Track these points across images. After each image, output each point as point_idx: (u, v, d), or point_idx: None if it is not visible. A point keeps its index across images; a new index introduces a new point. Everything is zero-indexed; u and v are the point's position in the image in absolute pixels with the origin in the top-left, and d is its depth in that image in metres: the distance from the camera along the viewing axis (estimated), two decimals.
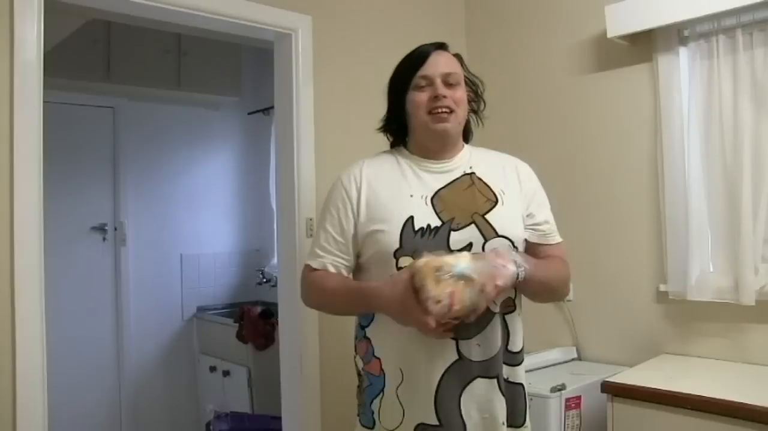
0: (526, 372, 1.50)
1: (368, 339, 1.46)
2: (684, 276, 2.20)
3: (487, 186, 1.46)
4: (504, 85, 2.71)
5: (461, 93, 1.46)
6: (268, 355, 3.42)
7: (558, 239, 1.55)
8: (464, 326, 1.33)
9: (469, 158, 1.51)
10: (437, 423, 1.36)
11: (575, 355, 2.53)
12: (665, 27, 2.22)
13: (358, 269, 1.51)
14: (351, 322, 1.55)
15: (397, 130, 1.55)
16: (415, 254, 1.34)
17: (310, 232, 2.31)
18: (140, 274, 3.77)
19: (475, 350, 1.36)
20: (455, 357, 1.36)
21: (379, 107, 1.59)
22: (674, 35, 2.27)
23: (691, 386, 1.85)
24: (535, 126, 2.71)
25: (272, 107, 2.73)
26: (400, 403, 1.39)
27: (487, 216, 1.40)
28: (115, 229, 3.72)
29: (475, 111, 1.58)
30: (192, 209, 3.99)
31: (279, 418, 2.47)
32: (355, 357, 1.52)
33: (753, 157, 2.09)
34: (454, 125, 1.45)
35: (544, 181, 1.58)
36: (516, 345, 1.45)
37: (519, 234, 1.45)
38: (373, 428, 1.44)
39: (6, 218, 1.72)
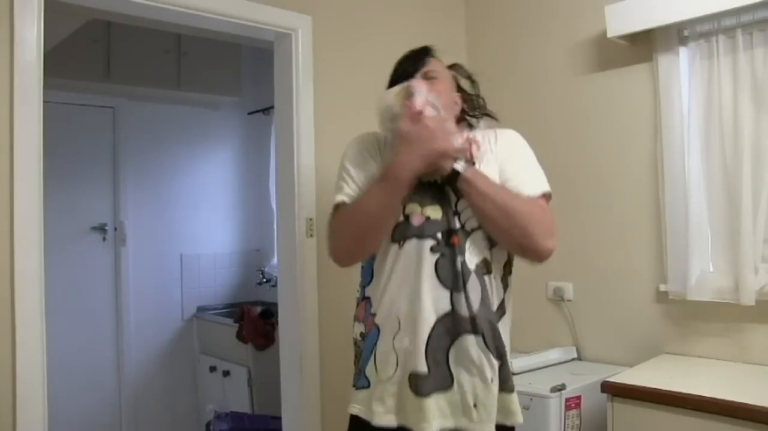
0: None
1: (368, 299, 1.49)
2: (684, 276, 2.20)
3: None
4: (504, 85, 2.71)
5: (442, 86, 1.51)
6: (268, 355, 3.42)
7: (532, 192, 1.44)
8: (455, 278, 1.38)
9: None
10: (426, 370, 1.38)
11: (575, 355, 2.52)
12: (665, 27, 2.22)
13: None
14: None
15: None
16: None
17: (310, 232, 2.31)
18: (140, 274, 3.77)
19: (463, 305, 1.39)
20: (448, 307, 1.39)
21: None
22: (674, 35, 2.27)
23: (691, 386, 1.85)
24: (534, 126, 2.68)
25: (272, 107, 2.73)
26: (396, 352, 1.41)
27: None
28: (115, 229, 3.72)
29: (476, 112, 1.63)
30: (192, 209, 3.98)
31: (279, 418, 2.47)
32: (354, 328, 1.54)
33: (753, 157, 2.09)
34: None
35: None
36: (493, 304, 1.45)
37: None
38: (368, 387, 1.44)
39: (6, 218, 1.72)
